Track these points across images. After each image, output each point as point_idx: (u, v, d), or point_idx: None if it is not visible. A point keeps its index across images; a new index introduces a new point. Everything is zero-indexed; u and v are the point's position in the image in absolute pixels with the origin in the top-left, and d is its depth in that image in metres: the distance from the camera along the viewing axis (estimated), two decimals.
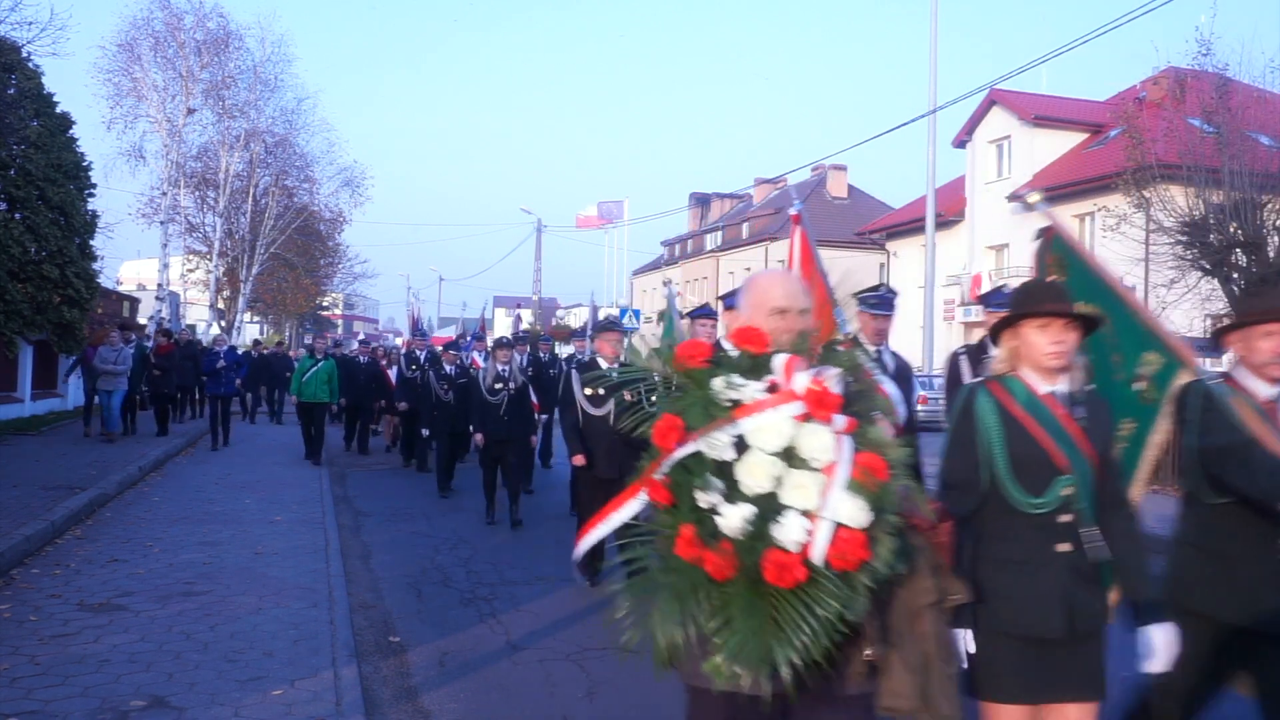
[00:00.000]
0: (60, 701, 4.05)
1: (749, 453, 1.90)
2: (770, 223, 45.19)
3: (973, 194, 28.91)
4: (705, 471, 1.91)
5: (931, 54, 18.17)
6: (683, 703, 2.32)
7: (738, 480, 1.89)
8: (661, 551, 1.97)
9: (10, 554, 6.34)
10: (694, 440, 1.93)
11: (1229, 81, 13.19)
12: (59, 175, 15.25)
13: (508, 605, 5.98)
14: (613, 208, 46.81)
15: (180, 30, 26.10)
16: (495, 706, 4.30)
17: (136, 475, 10.62)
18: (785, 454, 1.90)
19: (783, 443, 1.90)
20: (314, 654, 4.76)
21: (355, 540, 8.00)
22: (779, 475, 1.88)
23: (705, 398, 1.97)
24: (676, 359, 2.06)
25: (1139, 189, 14.24)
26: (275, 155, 29.98)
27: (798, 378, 1.97)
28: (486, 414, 8.89)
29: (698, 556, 1.88)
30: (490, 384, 8.91)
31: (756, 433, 1.90)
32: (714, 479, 1.90)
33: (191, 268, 32.40)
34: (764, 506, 1.87)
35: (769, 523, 1.86)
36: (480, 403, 8.93)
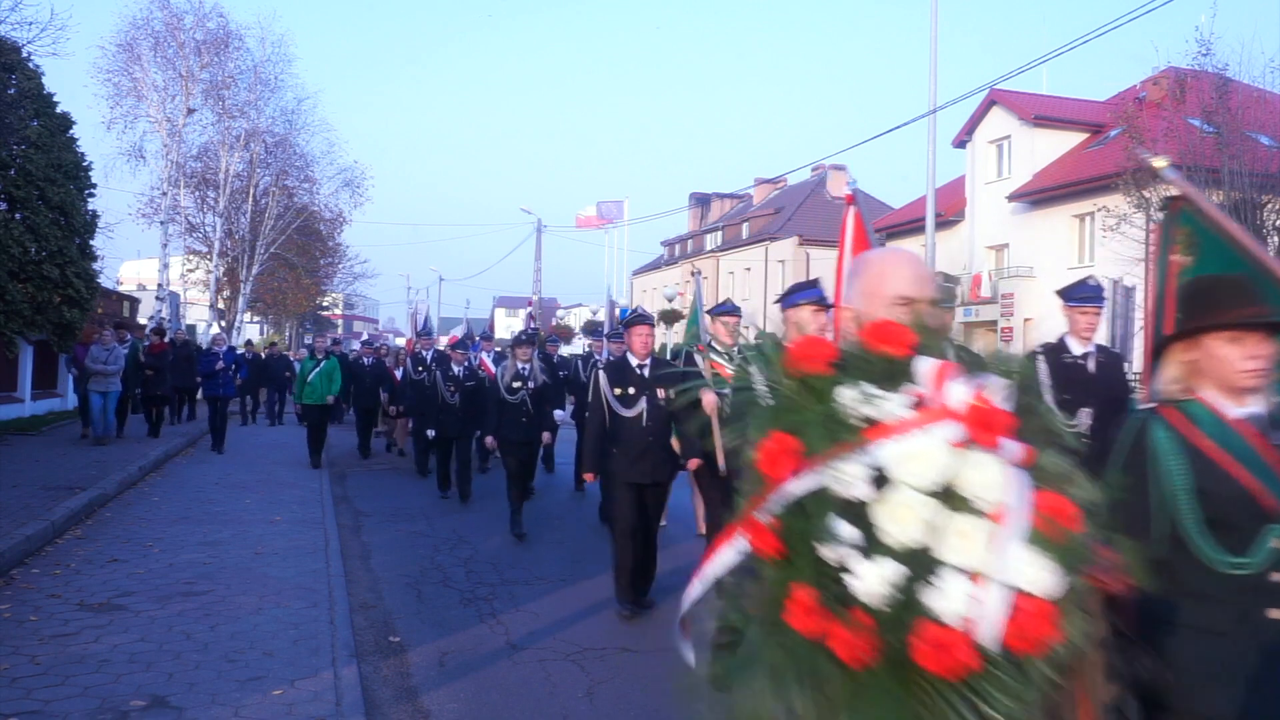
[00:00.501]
0: (60, 701, 4.05)
1: (892, 490, 1.42)
2: (770, 223, 45.20)
3: (973, 194, 28.91)
4: (830, 514, 1.43)
5: (931, 54, 18.16)
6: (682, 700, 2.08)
7: (877, 527, 1.41)
8: (764, 619, 1.47)
9: (10, 554, 6.34)
10: (815, 470, 1.44)
11: (1229, 81, 13.21)
12: (59, 175, 15.25)
13: (508, 605, 5.98)
14: (612, 208, 46.81)
15: (180, 30, 26.14)
16: (495, 706, 4.30)
17: (136, 475, 10.62)
18: (941, 492, 1.42)
19: (938, 477, 1.42)
20: (314, 654, 4.76)
21: (355, 540, 8.00)
22: (934, 521, 1.41)
23: (828, 413, 1.49)
24: (790, 360, 1.56)
25: (1139, 189, 14.26)
26: (275, 155, 30.01)
27: (952, 389, 1.48)
28: (505, 416, 8.37)
29: (819, 630, 1.39)
30: (509, 383, 8.45)
31: (902, 463, 1.42)
32: (843, 525, 1.41)
33: (191, 268, 32.41)
34: (914, 564, 1.39)
35: (921, 586, 1.38)
36: (498, 404, 8.42)
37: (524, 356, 8.58)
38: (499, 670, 4.78)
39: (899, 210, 36.26)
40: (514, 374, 8.47)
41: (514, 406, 8.37)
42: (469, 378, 10.30)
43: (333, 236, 36.49)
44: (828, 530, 1.41)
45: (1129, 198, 15.49)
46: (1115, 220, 15.85)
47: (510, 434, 8.35)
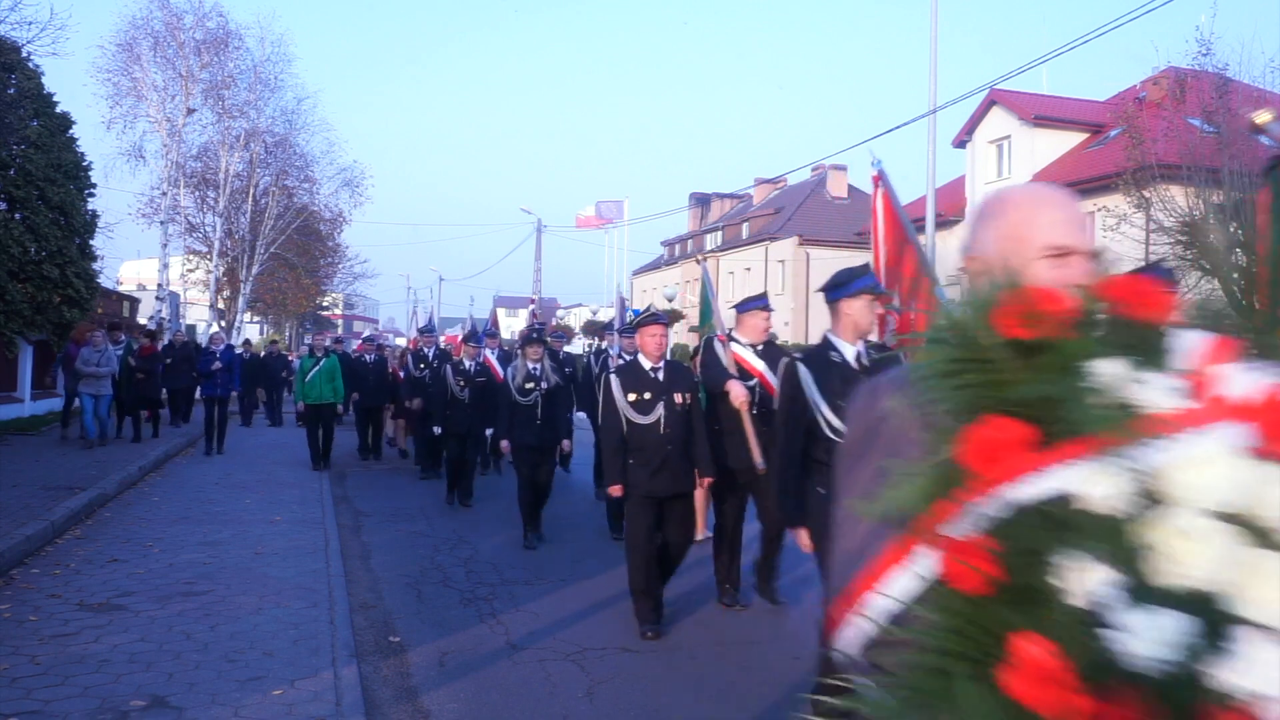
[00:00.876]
0: (60, 701, 4.05)
1: (1169, 510, 0.96)
2: (770, 223, 45.21)
3: (973, 194, 28.90)
4: (1080, 539, 0.95)
5: (932, 54, 18.15)
6: (683, 703, 1.97)
7: (1147, 562, 0.94)
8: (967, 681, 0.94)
9: (10, 554, 6.34)
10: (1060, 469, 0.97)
11: (1229, 81, 13.21)
12: (59, 175, 15.25)
13: (508, 605, 5.97)
14: (612, 207, 46.84)
15: (180, 30, 26.12)
16: (495, 706, 4.30)
17: (136, 475, 10.62)
18: (1236, 517, 0.97)
19: (1232, 496, 0.97)
20: (314, 654, 4.76)
21: (355, 540, 8.00)
22: (1230, 557, 0.95)
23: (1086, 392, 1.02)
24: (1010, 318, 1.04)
25: (1139, 189, 14.27)
26: (275, 155, 30.00)
27: (1233, 375, 1.04)
28: (517, 418, 7.95)
29: (1070, 706, 0.90)
30: (521, 384, 8.02)
31: (1184, 473, 0.98)
32: (1101, 553, 0.94)
33: (191, 268, 32.42)
34: (1203, 616, 0.93)
35: (1214, 650, 0.92)
36: (510, 405, 8.01)
37: (535, 355, 8.17)
38: (499, 670, 4.78)
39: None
40: (525, 374, 8.07)
41: (526, 409, 7.94)
42: (479, 373, 9.90)
43: (333, 236, 36.50)
44: (1075, 560, 0.94)
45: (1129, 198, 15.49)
46: (1115, 220, 15.85)
47: (524, 438, 7.91)
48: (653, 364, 5.66)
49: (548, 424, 8.04)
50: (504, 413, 8.02)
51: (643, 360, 5.72)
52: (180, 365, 15.00)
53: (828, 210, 44.11)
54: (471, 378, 9.86)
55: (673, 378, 5.62)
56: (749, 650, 5.20)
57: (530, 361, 8.23)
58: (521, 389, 7.94)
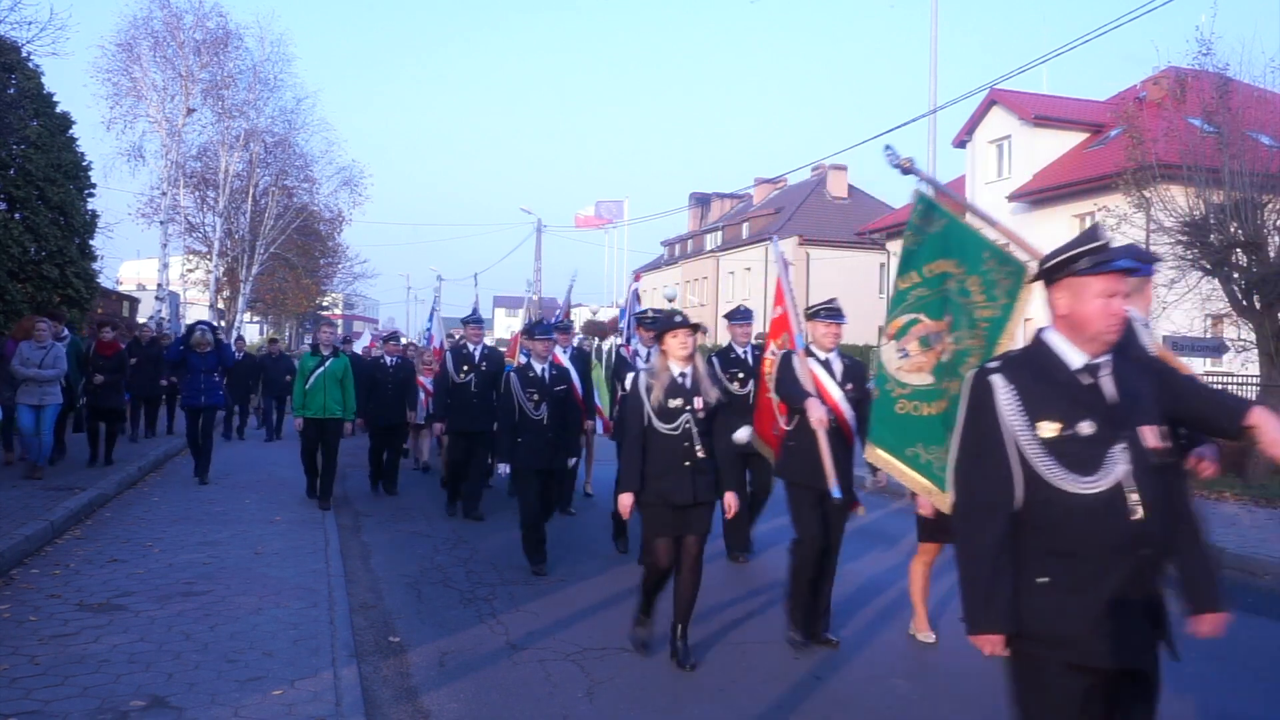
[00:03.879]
0: (60, 701, 4.05)
1: None
2: (770, 223, 45.20)
3: (973, 194, 28.88)
4: None
5: (932, 54, 18.17)
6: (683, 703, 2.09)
7: None
8: None
9: (10, 554, 6.34)
10: None
11: (1229, 81, 13.19)
12: (59, 175, 15.25)
13: (508, 605, 5.97)
14: (612, 207, 46.85)
15: (180, 30, 26.11)
16: (495, 706, 4.30)
17: (136, 475, 10.61)
18: None
19: None
20: (314, 654, 4.75)
21: (355, 540, 7.99)
22: None
23: None
24: None
25: (1139, 189, 14.25)
26: (275, 155, 30.01)
27: None
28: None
29: None
30: (662, 402, 5.55)
31: None
32: None
33: (191, 268, 32.44)
34: None
35: None
36: (636, 438, 5.64)
37: (681, 351, 5.78)
38: (499, 670, 4.77)
39: (899, 210, 36.21)
40: (671, 387, 5.75)
41: (672, 441, 5.53)
42: (556, 379, 7.10)
43: (332, 236, 36.51)
44: None
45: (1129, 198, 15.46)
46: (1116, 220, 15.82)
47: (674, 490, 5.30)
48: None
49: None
50: (631, 451, 5.00)
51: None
52: (149, 367, 13.00)
53: (828, 210, 44.12)
54: (547, 388, 6.97)
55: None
56: (749, 650, 5.19)
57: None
58: (663, 409, 4.98)
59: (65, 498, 8.43)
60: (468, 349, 9.14)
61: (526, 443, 6.85)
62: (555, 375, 7.07)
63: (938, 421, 4.33)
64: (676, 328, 5.06)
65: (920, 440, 4.42)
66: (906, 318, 4.54)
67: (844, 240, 39.09)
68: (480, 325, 9.71)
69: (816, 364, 5.36)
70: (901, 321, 4.57)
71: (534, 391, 6.92)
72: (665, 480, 4.88)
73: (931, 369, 4.41)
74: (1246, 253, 11.95)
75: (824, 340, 5.44)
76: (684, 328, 5.08)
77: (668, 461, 4.91)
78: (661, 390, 4.95)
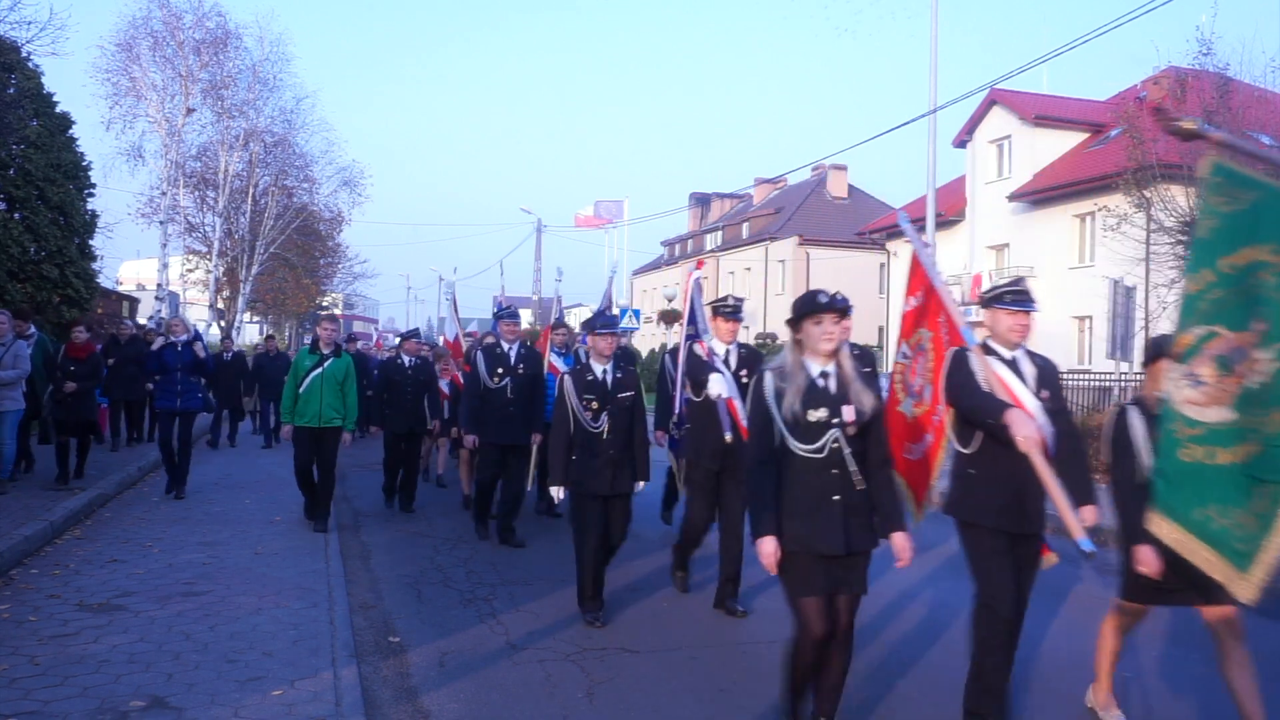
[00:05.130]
0: (59, 702, 4.04)
1: None
2: (770, 223, 45.22)
3: (973, 194, 28.90)
4: None
5: (932, 54, 18.15)
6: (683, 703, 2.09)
7: None
8: None
9: (10, 554, 6.33)
10: None
11: (1229, 81, 13.21)
12: (58, 175, 15.25)
13: (508, 605, 5.97)
14: (611, 207, 46.83)
15: (179, 30, 26.13)
16: (495, 706, 4.29)
17: (136, 475, 10.61)
18: None
19: None
20: (314, 654, 4.75)
21: (355, 540, 7.99)
22: None
23: None
24: None
25: (1139, 189, 14.27)
26: (275, 155, 30.04)
27: None
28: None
29: None
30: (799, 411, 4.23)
31: None
32: None
33: (191, 268, 32.47)
34: None
35: None
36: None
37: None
38: (499, 670, 4.77)
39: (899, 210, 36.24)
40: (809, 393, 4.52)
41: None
42: (621, 384, 5.73)
43: (332, 236, 36.54)
44: None
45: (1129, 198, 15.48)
46: (1116, 220, 15.84)
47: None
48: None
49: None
50: (760, 481, 3.72)
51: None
52: (129, 367, 11.92)
53: (828, 210, 44.15)
54: (610, 395, 5.68)
55: None
56: (749, 650, 5.19)
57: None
58: (800, 424, 3.66)
59: (65, 498, 8.43)
60: (501, 348, 7.82)
61: (583, 462, 5.57)
62: (620, 379, 5.72)
63: (1239, 473, 3.14)
64: (820, 310, 3.63)
65: (1214, 499, 3.22)
66: (1197, 332, 3.34)
67: (844, 240, 39.10)
68: (516, 320, 8.15)
69: (1000, 364, 4.00)
70: (1191, 338, 3.35)
71: (592, 399, 5.61)
72: (807, 521, 3.60)
73: (1232, 400, 3.20)
74: None
75: (1010, 335, 4.04)
76: (830, 310, 3.63)
77: (810, 496, 3.62)
78: (797, 397, 3.62)
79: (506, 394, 7.72)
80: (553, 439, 5.75)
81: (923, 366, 4.58)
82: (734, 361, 5.99)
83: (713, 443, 5.87)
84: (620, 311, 20.23)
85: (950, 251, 27.82)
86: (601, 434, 5.59)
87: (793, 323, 3.74)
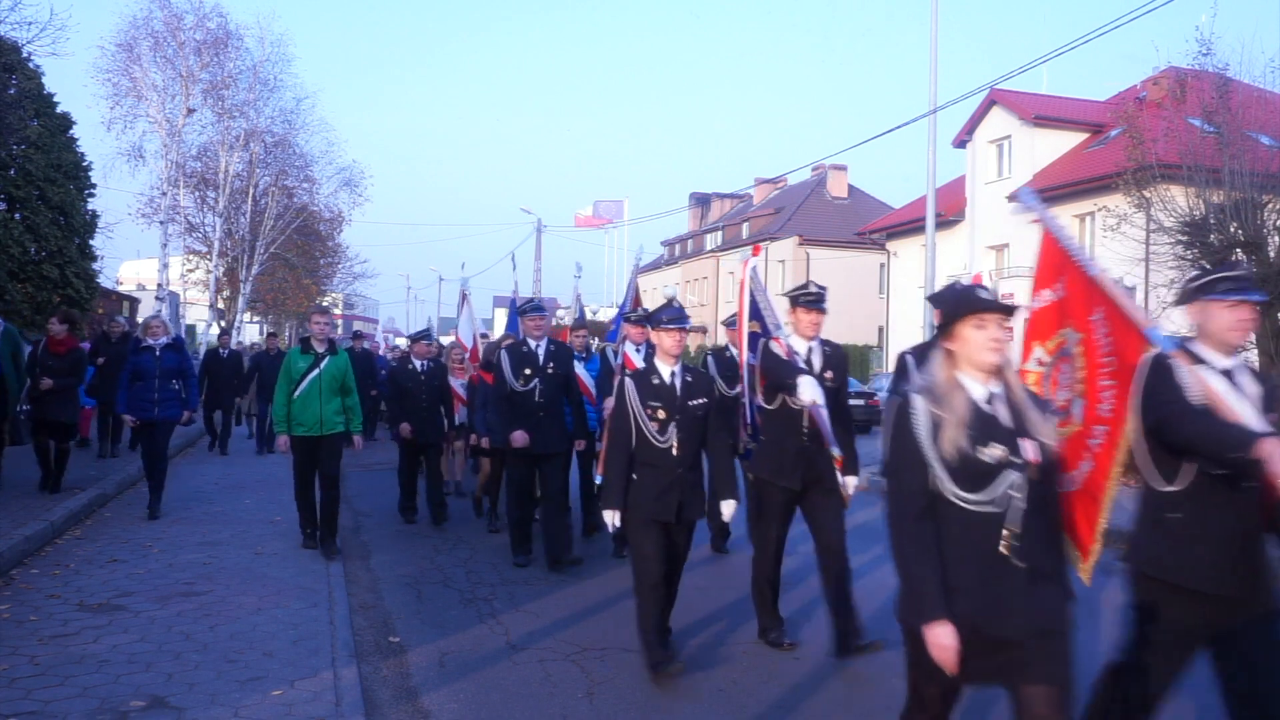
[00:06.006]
0: (59, 702, 4.05)
1: None
2: (770, 223, 45.22)
3: (973, 194, 28.92)
4: None
5: (932, 54, 18.15)
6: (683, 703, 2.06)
7: None
8: None
9: (10, 554, 6.34)
10: None
11: (1229, 81, 13.21)
12: (59, 175, 15.28)
13: (508, 605, 5.97)
14: (611, 207, 46.89)
15: (180, 30, 26.14)
16: (495, 706, 4.30)
17: (136, 475, 10.59)
18: None
19: None
20: (314, 654, 4.75)
21: (355, 540, 7.99)
22: None
23: None
24: None
25: (1139, 189, 14.27)
26: (275, 155, 30.05)
27: None
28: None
29: None
30: None
31: None
32: None
33: (191, 268, 32.48)
34: None
35: None
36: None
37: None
38: (499, 670, 4.77)
39: (899, 210, 36.26)
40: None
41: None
42: (694, 390, 4.88)
43: (332, 236, 36.56)
44: None
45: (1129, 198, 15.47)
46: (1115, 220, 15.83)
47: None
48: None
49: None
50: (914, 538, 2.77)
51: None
52: (119, 367, 10.07)
53: (828, 210, 44.16)
54: (679, 403, 4.81)
55: None
56: (749, 650, 5.19)
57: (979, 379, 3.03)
58: (967, 466, 2.73)
59: (65, 498, 8.43)
60: (528, 346, 7.10)
61: (646, 482, 4.72)
62: (690, 383, 4.84)
63: None
64: (984, 309, 2.77)
65: None
66: None
67: (844, 240, 39.11)
68: (543, 314, 7.38)
69: (1214, 376, 3.08)
70: None
71: (659, 406, 4.73)
72: (975, 595, 2.68)
73: None
74: (1246, 253, 11.95)
75: (1229, 336, 3.19)
76: (996, 310, 2.78)
77: (978, 561, 2.70)
78: (960, 430, 2.69)
79: (535, 397, 6.96)
80: (608, 454, 4.93)
81: (1069, 376, 3.62)
82: (817, 361, 5.09)
83: (794, 459, 5.00)
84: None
85: (950, 251, 27.84)
86: (670, 449, 4.72)
87: (942, 328, 2.83)
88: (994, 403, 2.77)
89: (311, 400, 7.07)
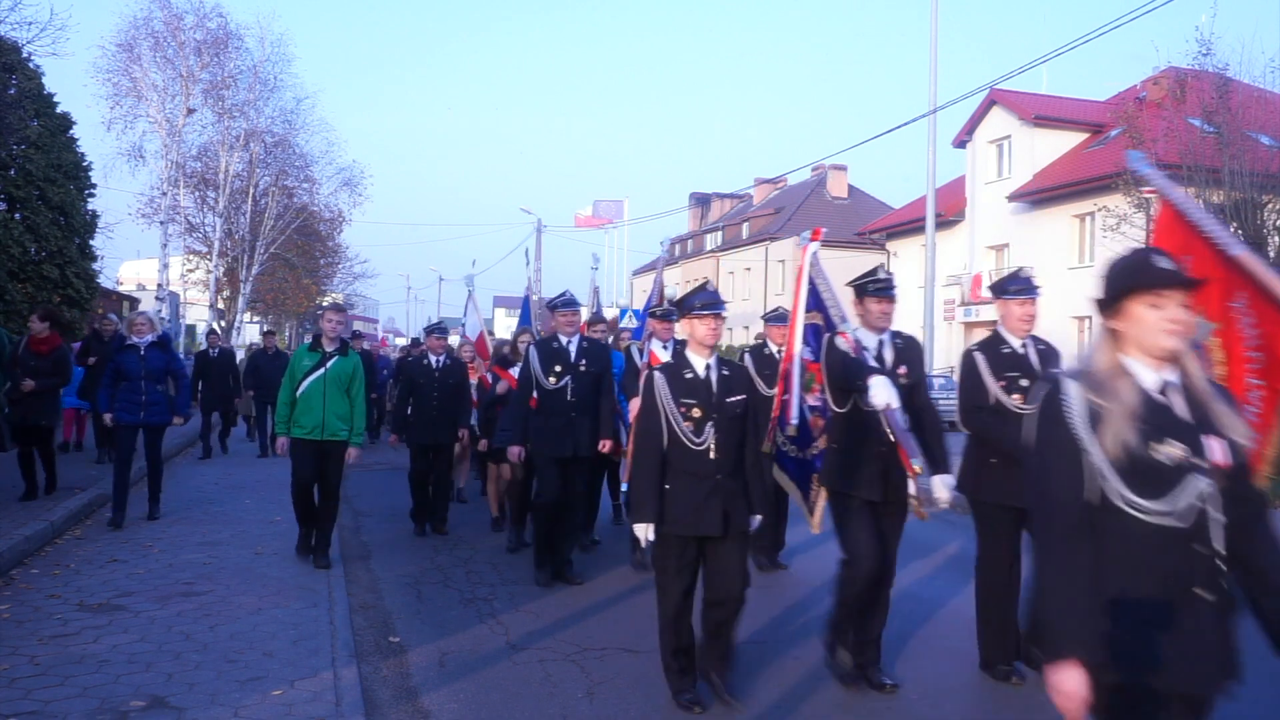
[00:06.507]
0: (59, 702, 4.05)
1: None
2: (770, 223, 45.23)
3: (973, 194, 28.93)
4: None
5: (932, 54, 18.16)
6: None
7: None
8: None
9: (10, 554, 6.34)
10: None
11: (1229, 81, 13.23)
12: (59, 175, 15.27)
13: (508, 605, 5.97)
14: (611, 207, 46.89)
15: (180, 30, 26.15)
16: (495, 706, 4.30)
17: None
18: None
19: None
20: (314, 654, 4.75)
21: (355, 540, 7.99)
22: None
23: None
24: None
25: (1139, 189, 14.28)
26: (275, 155, 30.05)
27: None
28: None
29: None
30: None
31: None
32: None
33: (191, 268, 32.46)
34: None
35: None
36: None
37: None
38: (499, 670, 4.77)
39: (899, 210, 36.28)
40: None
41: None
42: (730, 386, 4.30)
43: (332, 236, 36.55)
44: None
45: (1129, 198, 15.50)
46: (1115, 220, 15.85)
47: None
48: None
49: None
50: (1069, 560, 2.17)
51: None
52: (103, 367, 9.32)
53: (828, 210, 44.14)
54: (716, 401, 4.25)
55: None
56: (748, 651, 5.19)
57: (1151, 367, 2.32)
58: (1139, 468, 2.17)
59: (65, 498, 8.43)
60: (559, 342, 6.58)
61: (678, 490, 4.19)
62: (726, 377, 4.29)
63: None
64: (1163, 283, 2.21)
65: None
66: None
67: (844, 240, 39.07)
68: (575, 308, 6.79)
69: None
70: None
71: (693, 404, 4.19)
72: (1156, 633, 2.15)
73: None
74: None
75: None
76: (1176, 285, 2.22)
77: (1159, 590, 2.16)
78: (1128, 424, 2.17)
79: (567, 395, 6.44)
80: (636, 459, 4.33)
81: None
82: (889, 357, 4.59)
83: (871, 469, 4.47)
84: (621, 311, 19.70)
85: (950, 251, 27.84)
86: (707, 451, 4.16)
87: (1105, 304, 2.29)
88: (1169, 393, 2.22)
89: (314, 402, 6.65)
